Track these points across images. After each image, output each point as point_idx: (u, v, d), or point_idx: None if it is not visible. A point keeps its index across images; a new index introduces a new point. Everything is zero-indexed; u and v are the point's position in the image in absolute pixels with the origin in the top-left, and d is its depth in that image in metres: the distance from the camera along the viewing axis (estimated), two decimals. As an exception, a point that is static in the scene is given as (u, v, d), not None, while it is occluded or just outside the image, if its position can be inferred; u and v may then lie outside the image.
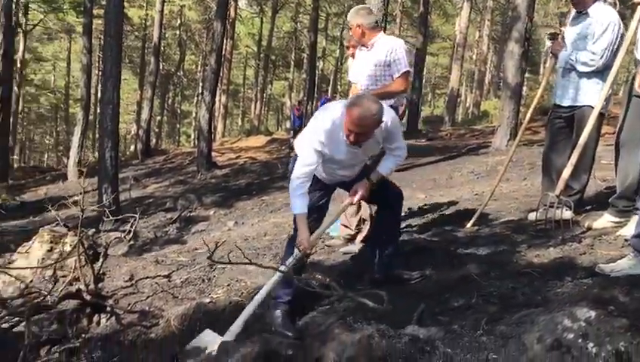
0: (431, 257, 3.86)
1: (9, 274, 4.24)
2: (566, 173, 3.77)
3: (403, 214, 5.30)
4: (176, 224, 8.60)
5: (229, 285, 4.12)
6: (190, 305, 3.80)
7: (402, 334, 1.94)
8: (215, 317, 3.62)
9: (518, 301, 2.74)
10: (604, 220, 3.89)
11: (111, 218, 5.36)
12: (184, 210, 9.46)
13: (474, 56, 36.51)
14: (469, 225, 4.53)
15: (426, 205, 5.87)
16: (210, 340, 2.85)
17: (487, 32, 33.83)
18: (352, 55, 4.47)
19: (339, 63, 36.64)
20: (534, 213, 4.16)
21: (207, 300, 3.87)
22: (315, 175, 3.25)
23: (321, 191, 3.39)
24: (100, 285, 4.36)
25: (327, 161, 3.21)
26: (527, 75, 20.10)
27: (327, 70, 39.79)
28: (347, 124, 2.93)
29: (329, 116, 3.10)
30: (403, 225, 4.81)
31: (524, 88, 15.06)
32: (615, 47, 3.80)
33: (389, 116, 3.09)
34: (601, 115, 3.88)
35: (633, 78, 3.66)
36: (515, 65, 10.45)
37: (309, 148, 3.13)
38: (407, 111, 10.77)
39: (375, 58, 4.05)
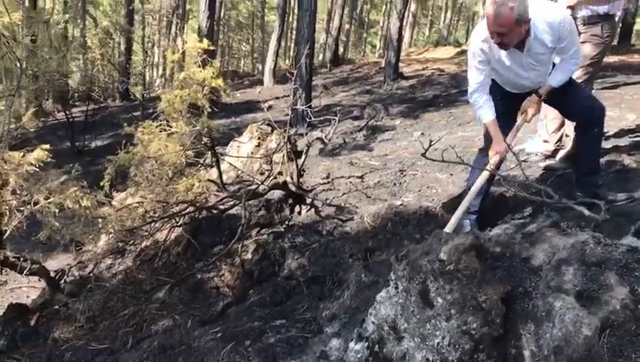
0: (640, 181, 3.57)
1: (229, 163, 4.84)
2: None
3: (610, 134, 4.90)
4: (364, 132, 8.88)
5: (419, 191, 4.26)
6: (382, 205, 4.02)
7: (619, 244, 1.86)
8: (406, 219, 3.80)
9: None
10: None
11: (311, 119, 5.72)
12: (371, 119, 9.68)
13: None
14: (690, 151, 4.06)
15: (637, 126, 5.32)
16: None
17: None
18: None
19: (542, -32, 33.04)
20: None
21: (399, 202, 4.05)
22: (498, 83, 3.19)
23: (505, 99, 3.27)
24: (300, 180, 4.78)
25: (497, 69, 3.10)
26: None
27: (528, -24, 36.16)
28: (487, 25, 2.80)
29: (484, 21, 2.92)
30: (609, 145, 4.45)
31: None
32: None
33: (558, 15, 2.84)
34: None
35: None
36: None
37: (472, 57, 3.07)
38: (620, 24, 9.58)
39: None
